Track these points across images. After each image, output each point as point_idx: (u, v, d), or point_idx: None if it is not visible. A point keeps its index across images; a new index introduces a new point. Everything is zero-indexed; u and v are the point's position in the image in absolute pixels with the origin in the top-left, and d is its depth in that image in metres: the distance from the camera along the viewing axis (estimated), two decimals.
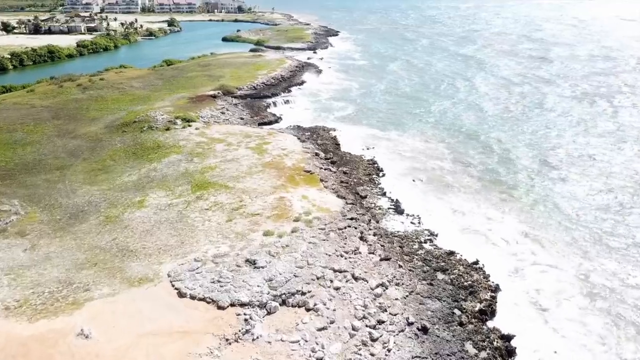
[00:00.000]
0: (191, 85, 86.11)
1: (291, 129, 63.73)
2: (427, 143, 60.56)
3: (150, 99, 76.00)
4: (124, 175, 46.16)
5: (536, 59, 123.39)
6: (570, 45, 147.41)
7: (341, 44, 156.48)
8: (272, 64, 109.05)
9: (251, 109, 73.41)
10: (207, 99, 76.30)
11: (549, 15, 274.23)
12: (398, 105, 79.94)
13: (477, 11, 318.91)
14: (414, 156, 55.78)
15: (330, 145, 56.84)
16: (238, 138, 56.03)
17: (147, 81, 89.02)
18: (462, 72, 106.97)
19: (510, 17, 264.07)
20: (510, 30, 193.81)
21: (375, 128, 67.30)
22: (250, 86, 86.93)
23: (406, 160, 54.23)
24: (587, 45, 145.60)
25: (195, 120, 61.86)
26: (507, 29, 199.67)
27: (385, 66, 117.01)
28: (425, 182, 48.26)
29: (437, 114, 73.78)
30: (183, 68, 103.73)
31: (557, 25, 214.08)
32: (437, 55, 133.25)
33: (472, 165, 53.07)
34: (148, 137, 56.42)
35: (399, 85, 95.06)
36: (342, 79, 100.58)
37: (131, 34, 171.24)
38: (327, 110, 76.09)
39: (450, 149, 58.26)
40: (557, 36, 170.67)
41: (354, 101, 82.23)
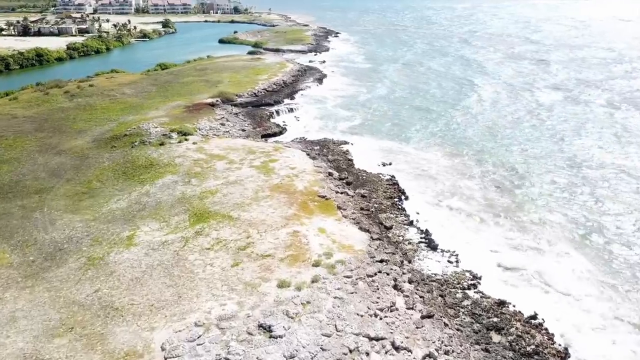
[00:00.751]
0: (187, 92, 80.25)
1: (298, 142, 58.04)
2: (451, 159, 54.91)
3: (143, 108, 70.10)
4: (111, 201, 40.30)
5: (539, 62, 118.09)
6: (574, 47, 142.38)
7: (342, 46, 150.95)
8: (273, 68, 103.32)
9: (253, 119, 67.64)
10: (205, 108, 70.46)
11: (546, 15, 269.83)
12: (409, 114, 74.30)
13: (473, 12, 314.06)
14: (438, 174, 50.13)
15: (343, 161, 51.18)
16: (241, 154, 50.25)
17: (140, 87, 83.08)
18: (467, 78, 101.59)
19: (507, 18, 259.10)
20: (509, 32, 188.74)
21: (389, 140, 61.67)
22: (251, 93, 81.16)
23: (430, 180, 48.58)
24: (594, 47, 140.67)
25: (193, 133, 56.04)
26: (506, 31, 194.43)
27: (390, 70, 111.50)
28: (456, 207, 42.62)
29: (452, 125, 68.22)
30: (178, 72, 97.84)
31: (556, 26, 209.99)
32: (439, 59, 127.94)
33: (506, 187, 47.44)
34: (140, 153, 50.54)
35: (406, 91, 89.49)
36: (347, 84, 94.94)
37: (124, 35, 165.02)
38: (334, 120, 70.40)
39: (479, 166, 52.62)
40: (558, 38, 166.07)
41: (362, 109, 76.59)
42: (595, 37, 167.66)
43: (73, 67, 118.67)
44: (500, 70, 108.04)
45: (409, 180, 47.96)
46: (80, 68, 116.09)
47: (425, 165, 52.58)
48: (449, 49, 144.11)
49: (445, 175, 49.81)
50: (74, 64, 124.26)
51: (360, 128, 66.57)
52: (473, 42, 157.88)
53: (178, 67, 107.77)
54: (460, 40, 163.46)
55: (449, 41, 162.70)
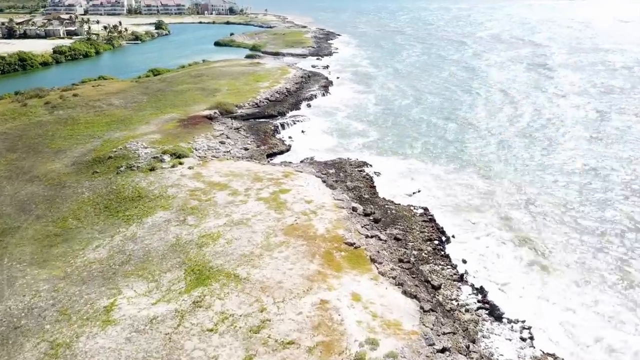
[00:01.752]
0: (182, 102, 72.56)
1: (309, 163, 50.54)
2: (489, 183, 47.58)
3: (132, 122, 62.39)
4: (89, 248, 32.68)
5: (554, 68, 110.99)
6: (581, 50, 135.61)
7: (345, 49, 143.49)
8: (274, 74, 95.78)
9: (256, 135, 60.07)
10: (201, 122, 62.82)
11: (544, 17, 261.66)
12: (429, 128, 66.93)
13: (469, 12, 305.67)
14: (478, 204, 42.75)
15: (365, 189, 43.74)
16: (245, 182, 42.68)
17: (130, 97, 75.29)
18: (479, 86, 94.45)
19: (505, 20, 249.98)
20: (511, 34, 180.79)
21: (412, 158, 54.29)
22: (252, 103, 73.56)
23: (470, 212, 41.23)
24: (603, 49, 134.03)
25: (188, 155, 48.40)
26: (506, 33, 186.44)
27: (398, 76, 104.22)
28: (509, 249, 35.25)
29: (479, 141, 61.00)
30: (172, 79, 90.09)
31: (556, 27, 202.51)
32: (444, 65, 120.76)
33: (562, 220, 40.14)
34: (126, 181, 42.87)
35: (420, 101, 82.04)
36: (355, 92, 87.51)
37: (115, 38, 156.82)
38: (346, 135, 62.96)
39: (520, 192, 45.31)
40: (562, 40, 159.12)
41: (376, 121, 69.16)
42: (600, 39, 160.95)
43: (58, 73, 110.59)
44: (512, 77, 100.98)
45: (446, 213, 40.57)
46: (66, 74, 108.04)
47: (460, 192, 45.20)
48: (452, 53, 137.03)
49: (486, 205, 42.48)
50: (60, 69, 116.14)
51: (378, 145, 59.15)
52: (473, 45, 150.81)
53: (171, 73, 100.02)
54: (461, 43, 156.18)
55: (450, 44, 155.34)
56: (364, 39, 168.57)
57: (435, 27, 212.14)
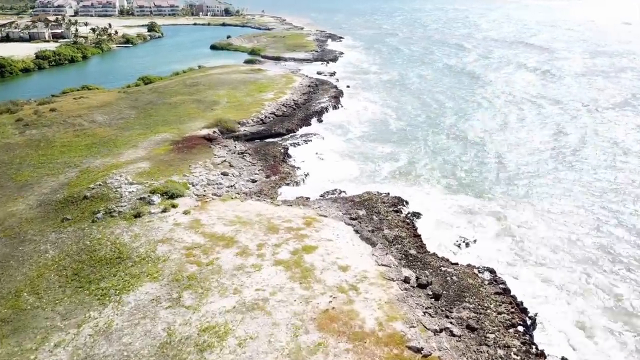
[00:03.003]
0: (176, 119, 63.06)
1: (331, 199, 41.21)
2: (569, 228, 38.34)
3: (116, 145, 52.85)
4: (44, 349, 23.24)
5: (550, 74, 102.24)
6: (595, 53, 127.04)
7: (350, 53, 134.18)
8: (278, 83, 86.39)
9: (264, 160, 50.65)
10: (199, 144, 53.35)
11: (543, 18, 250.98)
12: (463, 148, 57.76)
13: (466, 14, 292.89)
14: (558, 258, 33.52)
15: (408, 238, 34.48)
16: (257, 233, 33.28)
17: (116, 111, 65.69)
18: (506, 98, 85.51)
19: (503, 21, 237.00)
20: (505, 36, 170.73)
21: (457, 191, 45.00)
22: (257, 119, 64.14)
23: (550, 270, 31.91)
24: (618, 54, 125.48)
25: (184, 193, 38.91)
26: (502, 34, 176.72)
27: (415, 84, 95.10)
28: None
29: (545, 167, 51.83)
30: (165, 89, 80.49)
31: (558, 29, 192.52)
32: (459, 75, 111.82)
33: None
34: (104, 233, 33.37)
35: (443, 114, 72.88)
36: (370, 104, 78.28)
37: (104, 41, 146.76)
38: (370, 159, 53.67)
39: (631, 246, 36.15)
40: (567, 43, 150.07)
41: (403, 141, 59.92)
42: (607, 41, 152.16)
43: (39, 81, 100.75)
44: (531, 87, 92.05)
45: (526, 282, 31.30)
46: (48, 82, 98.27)
47: (534, 245, 35.90)
48: (457, 58, 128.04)
49: (568, 259, 33.22)
50: (41, 77, 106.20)
51: (410, 172, 49.89)
52: (478, 51, 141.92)
53: (164, 81, 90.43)
54: (462, 48, 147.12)
55: (455, 49, 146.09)
56: (368, 42, 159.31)
57: (434, 30, 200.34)
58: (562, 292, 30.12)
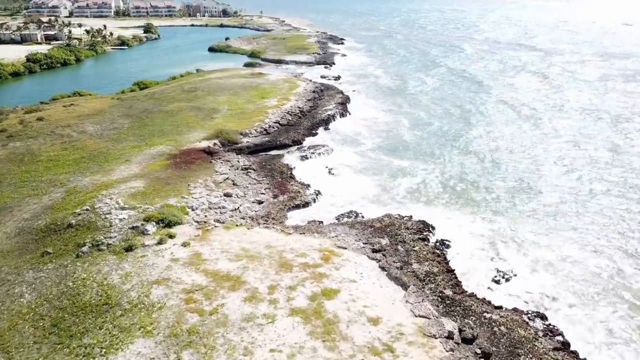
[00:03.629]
0: (173, 128, 58.42)
1: (348, 225, 36.65)
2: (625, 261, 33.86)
3: (107, 159, 48.16)
4: None
5: (565, 79, 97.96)
6: (608, 55, 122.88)
7: (353, 56, 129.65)
8: (281, 88, 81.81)
9: (270, 177, 46.03)
10: (198, 158, 48.71)
11: (542, 19, 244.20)
12: (497, 163, 53.27)
13: (463, 15, 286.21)
14: (615, 300, 29.05)
15: (441, 275, 30.04)
16: (267, 271, 28.68)
17: (108, 120, 60.98)
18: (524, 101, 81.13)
19: (502, 22, 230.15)
20: (508, 38, 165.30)
21: (486, 215, 40.40)
22: (260, 129, 59.53)
23: (617, 320, 27.42)
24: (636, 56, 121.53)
25: (182, 220, 34.28)
26: (504, 36, 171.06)
27: (421, 90, 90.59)
28: None
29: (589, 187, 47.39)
30: (161, 95, 75.79)
31: (561, 32, 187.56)
32: (463, 80, 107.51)
33: None
34: (90, 272, 28.73)
35: (467, 122, 68.34)
36: (380, 112, 73.74)
37: (98, 43, 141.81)
38: (384, 173, 49.15)
39: None
40: (574, 45, 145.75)
41: (420, 153, 55.43)
42: (610, 43, 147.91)
43: (30, 86, 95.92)
44: (547, 94, 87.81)
45: (583, 327, 26.80)
46: (38, 87, 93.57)
47: (579, 281, 31.40)
48: (461, 62, 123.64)
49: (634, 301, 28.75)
50: (32, 81, 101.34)
51: (432, 190, 45.39)
52: (484, 54, 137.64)
53: (160, 86, 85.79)
54: (466, 50, 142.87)
55: (454, 51, 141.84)
56: (370, 44, 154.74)
57: (434, 32, 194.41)
58: (628, 342, 25.63)
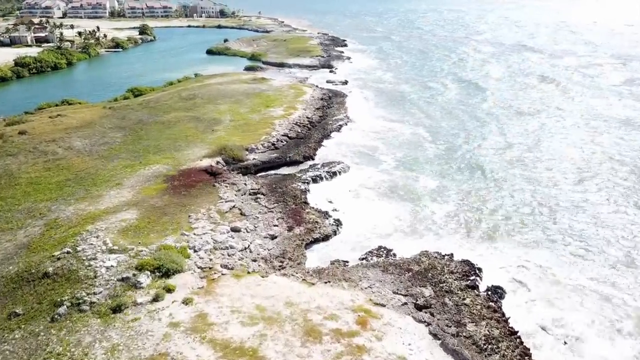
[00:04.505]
0: (170, 143, 52.48)
1: (380, 268, 30.85)
2: None
3: (96, 182, 42.15)
4: None
5: (586, 87, 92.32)
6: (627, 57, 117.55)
7: (359, 59, 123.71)
8: (286, 95, 75.92)
9: (283, 203, 40.10)
10: (200, 181, 42.76)
11: (541, 20, 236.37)
12: (527, 184, 47.54)
13: (461, 15, 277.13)
14: None
15: (506, 345, 24.27)
16: (291, 343, 22.83)
17: (99, 134, 54.98)
18: None
19: (502, 23, 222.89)
20: (514, 40, 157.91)
21: (534, 250, 34.65)
22: (267, 143, 53.63)
23: None
24: None
25: (183, 268, 28.31)
26: (507, 38, 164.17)
27: (436, 95, 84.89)
28: None
29: None
30: (157, 103, 69.77)
31: (563, 33, 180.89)
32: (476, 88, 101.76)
33: None
34: (67, 345, 22.80)
35: (487, 138, 62.37)
36: (395, 121, 67.87)
37: (91, 45, 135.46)
38: (411, 197, 43.32)
39: None
40: (582, 47, 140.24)
41: (446, 172, 49.60)
42: (616, 44, 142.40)
43: (16, 93, 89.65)
44: (572, 103, 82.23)
45: None
46: (26, 93, 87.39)
47: None
48: (471, 67, 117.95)
49: None
50: (20, 87, 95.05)
51: (466, 218, 39.57)
52: (490, 56, 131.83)
53: (156, 93, 79.76)
54: (479, 53, 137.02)
55: (459, 55, 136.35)
56: (374, 46, 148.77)
57: (435, 33, 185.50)
58: None
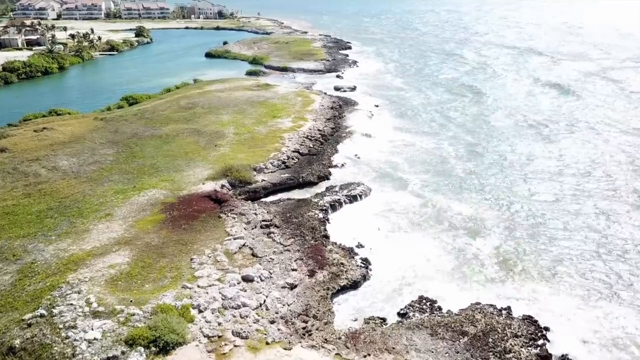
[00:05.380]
0: (168, 162, 46.69)
1: (427, 330, 25.44)
2: None
3: (82, 212, 36.36)
4: None
5: (629, 97, 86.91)
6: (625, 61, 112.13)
7: (365, 62, 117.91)
8: (293, 104, 70.25)
9: (300, 237, 34.33)
10: (203, 210, 36.99)
11: (541, 20, 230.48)
12: (582, 217, 41.85)
13: (459, 16, 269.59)
14: None
15: None
16: None
17: (88, 151, 49.17)
18: None
19: (501, 24, 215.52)
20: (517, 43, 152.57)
21: (603, 302, 28.94)
22: (278, 161, 47.90)
23: None
24: None
25: (185, 339, 22.52)
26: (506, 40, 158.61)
27: (453, 105, 79.24)
28: None
29: None
30: (153, 113, 63.98)
31: (567, 36, 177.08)
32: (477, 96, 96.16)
33: None
34: None
35: (522, 156, 56.75)
36: (414, 133, 62.12)
37: (85, 49, 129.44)
38: (445, 227, 37.64)
39: None
40: (593, 49, 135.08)
41: (481, 195, 43.81)
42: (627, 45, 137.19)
43: (1, 101, 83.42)
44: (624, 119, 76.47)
45: None
46: (13, 101, 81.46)
47: None
48: (484, 77, 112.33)
49: None
50: (7, 94, 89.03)
51: (515, 257, 33.74)
52: (500, 61, 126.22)
53: (153, 102, 73.99)
54: (490, 60, 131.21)
55: (466, 59, 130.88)
56: (379, 48, 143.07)
57: (432, 36, 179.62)
58: None
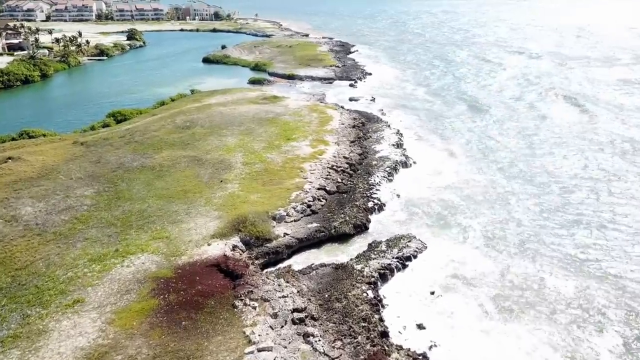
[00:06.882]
0: (162, 206, 36.39)
1: None
2: None
3: (41, 297, 26.27)
4: None
5: None
6: None
7: (378, 69, 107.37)
8: (308, 121, 60.15)
9: (350, 337, 24.28)
10: (211, 293, 26.81)
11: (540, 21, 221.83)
12: None
13: (456, 17, 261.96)
14: None
15: None
16: None
17: (61, 191, 38.77)
18: None
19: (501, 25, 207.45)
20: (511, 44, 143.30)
21: None
22: (301, 205, 37.75)
23: None
24: None
25: None
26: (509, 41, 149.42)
27: (492, 120, 69.42)
28: None
29: None
30: (144, 136, 53.56)
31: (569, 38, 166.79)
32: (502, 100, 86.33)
33: None
34: None
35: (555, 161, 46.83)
36: (455, 159, 52.13)
37: (71, 53, 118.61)
38: (537, 307, 27.65)
39: None
40: (596, 51, 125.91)
41: (566, 249, 33.76)
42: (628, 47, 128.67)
43: None
44: None
45: None
46: None
47: None
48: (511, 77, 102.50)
49: None
50: None
51: None
52: (513, 66, 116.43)
53: (144, 118, 63.68)
54: (480, 62, 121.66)
55: (485, 65, 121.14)
56: (385, 52, 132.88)
57: (432, 37, 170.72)
58: None
